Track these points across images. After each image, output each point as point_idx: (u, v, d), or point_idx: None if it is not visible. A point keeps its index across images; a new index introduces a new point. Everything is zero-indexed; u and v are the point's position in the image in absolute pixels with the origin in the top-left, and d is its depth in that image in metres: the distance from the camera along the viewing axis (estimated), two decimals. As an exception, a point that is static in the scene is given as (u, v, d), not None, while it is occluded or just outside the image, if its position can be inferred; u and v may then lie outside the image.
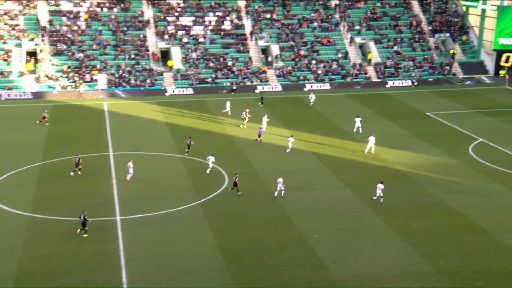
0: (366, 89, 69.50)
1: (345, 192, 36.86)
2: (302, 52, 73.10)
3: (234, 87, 67.62)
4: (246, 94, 66.26)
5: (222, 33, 74.34)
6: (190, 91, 67.06)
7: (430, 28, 78.92)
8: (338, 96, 65.59)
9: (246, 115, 51.35)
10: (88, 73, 67.11)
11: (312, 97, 60.88)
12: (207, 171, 40.01)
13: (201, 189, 37.18)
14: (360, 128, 50.29)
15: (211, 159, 39.94)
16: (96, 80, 66.68)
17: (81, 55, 69.05)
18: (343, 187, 37.67)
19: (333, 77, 70.98)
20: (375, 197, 35.25)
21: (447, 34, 77.79)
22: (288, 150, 44.34)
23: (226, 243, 30.13)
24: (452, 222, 32.48)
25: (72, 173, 39.09)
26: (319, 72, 71.19)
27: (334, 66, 72.30)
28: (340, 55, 73.97)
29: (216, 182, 38.56)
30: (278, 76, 70.63)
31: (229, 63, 70.88)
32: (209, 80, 68.65)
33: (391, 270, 27.49)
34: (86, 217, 30.65)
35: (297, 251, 29.28)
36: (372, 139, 44.50)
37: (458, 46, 76.79)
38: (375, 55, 75.03)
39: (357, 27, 77.13)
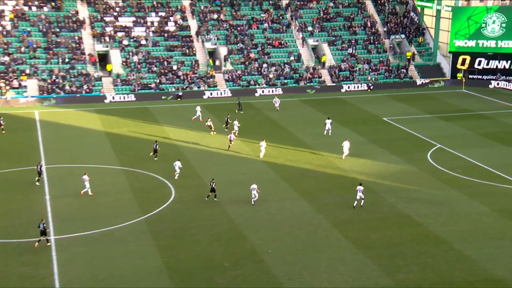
0: (321, 93, 70.40)
1: (300, 203, 37.00)
2: (252, 55, 73.50)
3: (180, 93, 67.08)
4: (194, 100, 65.88)
5: (165, 34, 73.72)
6: (131, 97, 66.12)
7: (385, 29, 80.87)
8: (291, 102, 66.18)
9: (209, 123, 51.85)
10: (15, 78, 65.13)
11: (277, 101, 61.52)
12: (175, 177, 40.08)
13: (145, 204, 36.57)
14: (330, 131, 51.46)
15: (177, 164, 40.34)
16: (25, 86, 64.78)
17: (6, 58, 66.98)
18: (298, 198, 37.81)
19: (286, 81, 71.61)
20: (356, 202, 36.07)
21: (403, 36, 79.86)
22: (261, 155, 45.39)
23: (173, 261, 29.66)
24: (411, 232, 33.02)
25: (37, 183, 39.29)
26: (271, 76, 71.70)
27: (287, 69, 73.00)
28: (292, 58, 74.71)
29: (162, 195, 37.98)
30: (227, 80, 70.58)
31: (174, 67, 70.32)
32: (153, 85, 67.86)
33: (349, 285, 27.67)
34: (45, 224, 30.86)
35: (249, 267, 29.09)
36: (346, 144, 45.44)
37: (414, 48, 78.97)
38: (329, 57, 76.16)
39: (310, 28, 78.14)
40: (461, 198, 38.11)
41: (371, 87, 72.61)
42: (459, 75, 74.35)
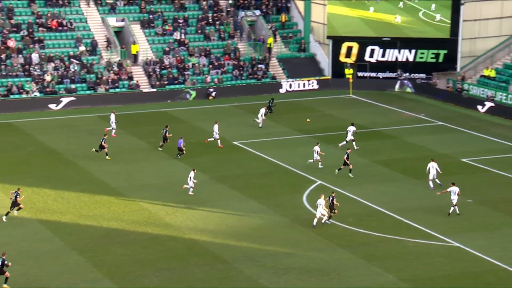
0: (133, 105, 70.05)
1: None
2: (11, 43, 71.50)
3: None
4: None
5: None
6: None
7: (230, 1, 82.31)
8: (83, 119, 66.32)
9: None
10: None
11: (112, 121, 60.67)
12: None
13: None
14: (354, 144, 56.78)
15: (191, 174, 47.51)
16: None
17: None
18: (99, 280, 37.06)
19: (73, 86, 70.68)
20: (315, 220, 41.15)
21: (257, 12, 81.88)
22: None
23: None
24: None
25: (16, 212, 43.33)
26: (47, 78, 70.27)
27: (74, 67, 72.00)
28: (83, 48, 73.73)
29: None
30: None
31: None
32: None
33: None
34: (6, 260, 34.58)
35: None
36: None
37: (275, 32, 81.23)
38: (143, 47, 75.84)
39: (110, 1, 77.69)
40: (355, 263, 38.88)
41: (213, 94, 73.33)
42: (348, 72, 77.42)
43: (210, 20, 79.84)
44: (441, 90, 74.66)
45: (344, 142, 57.27)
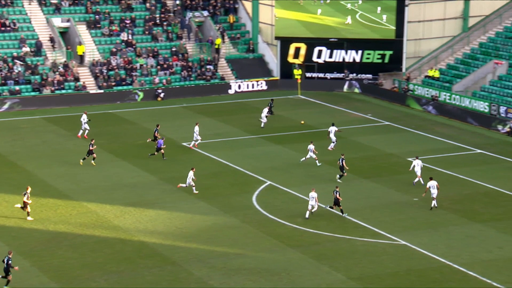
0: (80, 107, 69.49)
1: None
2: None
3: None
4: None
5: None
6: None
7: (178, 1, 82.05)
8: (29, 121, 65.60)
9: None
10: None
11: (84, 121, 60.24)
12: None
13: None
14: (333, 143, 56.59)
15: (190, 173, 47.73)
16: None
17: None
18: (47, 283, 36.49)
19: (17, 88, 70.03)
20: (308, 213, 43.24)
21: (206, 13, 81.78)
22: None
23: None
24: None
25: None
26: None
27: (18, 69, 71.26)
28: (27, 48, 72.98)
29: None
30: None
31: None
32: None
33: None
34: (11, 260, 35.56)
35: None
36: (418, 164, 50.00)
37: (224, 33, 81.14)
38: (90, 48, 75.41)
39: (54, 1, 77.00)
40: (304, 263, 39.13)
41: (162, 95, 73.04)
42: (297, 73, 77.71)
43: (158, 21, 79.49)
44: (387, 90, 75.30)
45: (332, 144, 57.86)
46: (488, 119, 65.54)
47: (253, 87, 77.28)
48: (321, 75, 78.72)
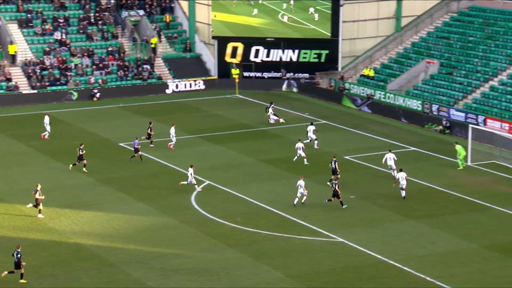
0: (12, 107, 69.05)
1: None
2: None
3: None
4: None
5: None
6: None
7: (113, 0, 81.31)
8: None
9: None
10: None
11: (47, 123, 59.83)
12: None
13: None
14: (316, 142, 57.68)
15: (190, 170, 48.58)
16: None
17: None
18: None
19: None
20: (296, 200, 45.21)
21: (141, 12, 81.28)
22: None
23: None
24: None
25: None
26: None
27: None
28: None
29: None
30: None
31: None
32: None
33: None
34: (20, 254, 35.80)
35: None
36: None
37: (160, 32, 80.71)
38: (22, 47, 74.37)
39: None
40: (243, 262, 39.27)
41: (98, 95, 72.29)
42: (234, 72, 77.60)
43: (92, 20, 78.70)
44: (324, 89, 75.71)
45: (316, 145, 58.15)
46: (421, 117, 66.28)
47: (190, 87, 77.07)
48: (258, 74, 78.83)
